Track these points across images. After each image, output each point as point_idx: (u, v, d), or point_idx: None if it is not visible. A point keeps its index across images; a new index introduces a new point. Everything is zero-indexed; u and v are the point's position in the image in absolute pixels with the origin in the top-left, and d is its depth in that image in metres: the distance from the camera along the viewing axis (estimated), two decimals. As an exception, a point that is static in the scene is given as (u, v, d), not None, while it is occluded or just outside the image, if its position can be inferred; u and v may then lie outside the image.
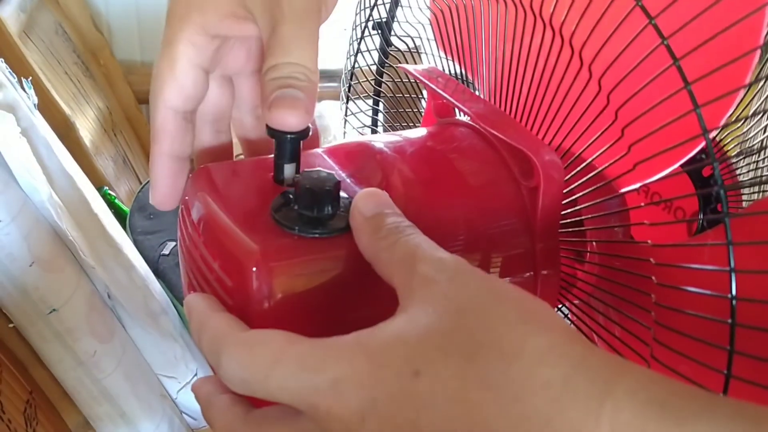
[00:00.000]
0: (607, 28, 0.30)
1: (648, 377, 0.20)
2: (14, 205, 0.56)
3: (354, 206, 0.29)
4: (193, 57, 0.32)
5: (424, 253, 0.25)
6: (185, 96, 0.33)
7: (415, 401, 0.21)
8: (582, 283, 0.38)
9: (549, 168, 0.33)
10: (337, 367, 0.23)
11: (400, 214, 0.28)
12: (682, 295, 0.30)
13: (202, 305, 0.29)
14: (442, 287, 0.24)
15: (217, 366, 0.25)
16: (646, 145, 0.31)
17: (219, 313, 0.28)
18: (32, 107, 0.63)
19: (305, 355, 0.23)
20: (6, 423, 0.57)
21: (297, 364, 0.23)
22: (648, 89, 0.29)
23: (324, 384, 0.23)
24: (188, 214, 0.33)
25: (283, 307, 0.28)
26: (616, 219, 0.37)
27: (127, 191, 1.11)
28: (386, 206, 0.29)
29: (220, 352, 0.25)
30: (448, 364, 0.21)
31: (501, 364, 0.21)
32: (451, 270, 0.24)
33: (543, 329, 0.22)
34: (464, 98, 0.39)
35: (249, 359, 0.24)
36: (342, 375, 0.22)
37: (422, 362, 0.22)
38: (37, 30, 1.04)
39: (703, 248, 0.29)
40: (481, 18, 0.39)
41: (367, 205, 0.28)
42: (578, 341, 0.22)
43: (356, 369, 0.22)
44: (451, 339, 0.22)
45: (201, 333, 0.27)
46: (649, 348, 0.31)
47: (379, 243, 0.27)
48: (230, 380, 0.25)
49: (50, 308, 0.59)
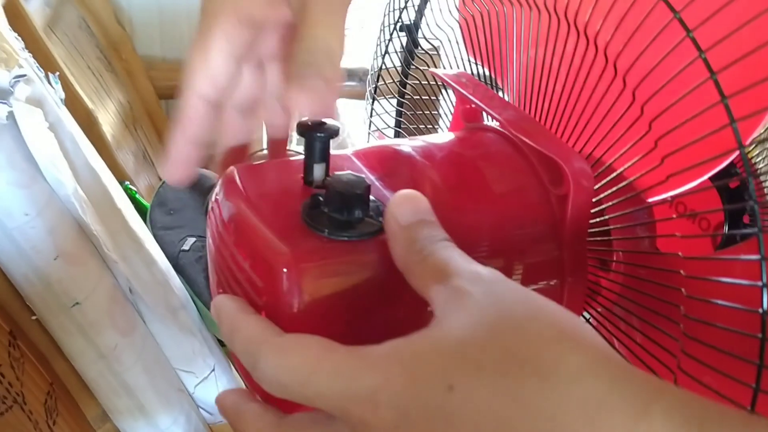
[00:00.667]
0: (643, 39, 0.30)
1: (684, 399, 0.20)
2: (40, 199, 0.56)
3: (389, 211, 0.28)
4: (227, 48, 0.32)
5: (458, 266, 0.25)
6: (216, 86, 0.33)
7: (448, 415, 0.21)
8: (606, 291, 0.38)
9: (579, 176, 0.33)
10: (372, 377, 0.23)
11: (435, 224, 0.28)
12: (711, 307, 0.30)
13: (232, 307, 0.29)
14: (477, 300, 0.24)
15: (253, 369, 0.26)
16: (678, 157, 0.31)
17: (251, 316, 0.28)
18: (59, 102, 0.63)
19: (342, 364, 0.24)
20: (27, 414, 0.58)
21: (334, 373, 0.23)
22: (684, 102, 0.28)
23: (360, 393, 0.23)
24: (219, 214, 0.33)
25: (312, 308, 0.29)
26: (643, 230, 0.37)
27: (147, 186, 1.12)
28: (422, 213, 0.28)
29: (257, 355, 0.25)
30: (482, 379, 0.21)
31: (536, 381, 0.21)
32: (486, 283, 0.24)
33: (579, 347, 0.22)
34: (494, 104, 0.39)
35: (287, 365, 0.25)
36: (377, 385, 0.23)
37: (456, 376, 0.22)
38: (62, 24, 1.05)
39: (734, 262, 0.29)
40: (513, 24, 0.39)
41: (403, 211, 0.28)
42: (614, 359, 0.22)
43: (391, 380, 0.22)
44: (486, 353, 0.22)
45: (234, 335, 0.27)
46: (677, 359, 0.31)
47: (413, 255, 0.27)
48: (267, 384, 0.25)
49: (73, 301, 0.60)
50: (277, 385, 0.25)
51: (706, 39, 0.28)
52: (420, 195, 0.29)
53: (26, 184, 0.55)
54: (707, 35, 0.28)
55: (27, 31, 0.81)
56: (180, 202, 0.89)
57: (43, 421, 0.60)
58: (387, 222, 0.28)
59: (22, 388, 0.57)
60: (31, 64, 0.60)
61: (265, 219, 0.30)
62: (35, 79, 0.59)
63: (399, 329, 0.31)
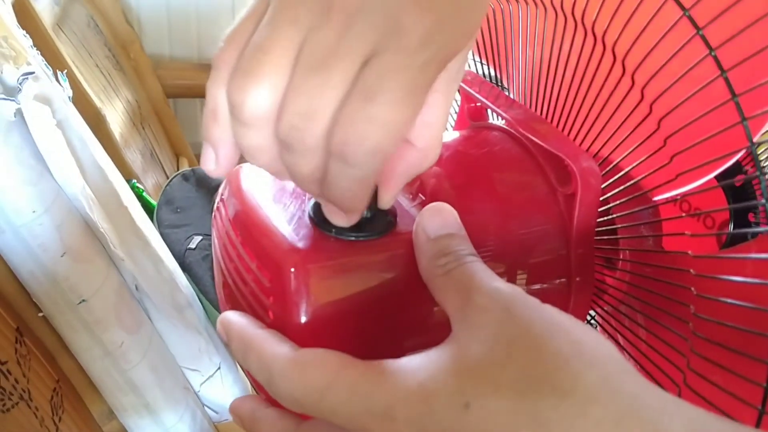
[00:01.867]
0: (652, 37, 0.30)
1: (703, 419, 0.20)
2: (48, 196, 0.57)
3: (419, 223, 0.29)
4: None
5: (480, 282, 0.25)
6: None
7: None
8: (612, 290, 0.38)
9: (587, 175, 0.33)
10: (389, 394, 0.23)
11: (463, 238, 0.28)
12: (720, 307, 0.30)
13: (241, 323, 0.29)
14: (495, 317, 0.24)
15: (268, 385, 0.26)
16: (687, 156, 0.31)
17: (262, 331, 0.28)
18: (67, 100, 0.63)
19: (358, 381, 0.23)
20: (33, 410, 0.58)
21: (350, 390, 0.23)
22: (693, 100, 0.28)
23: (377, 410, 0.23)
24: (225, 213, 0.33)
25: (320, 308, 0.29)
26: (649, 228, 0.37)
27: (154, 184, 1.12)
28: (451, 227, 0.28)
29: (271, 372, 0.25)
30: (499, 398, 0.21)
31: (553, 400, 0.21)
32: (505, 300, 0.24)
33: (595, 363, 0.22)
34: (500, 102, 0.39)
35: (302, 381, 0.24)
36: (393, 402, 0.22)
37: (473, 394, 0.22)
38: (70, 23, 1.05)
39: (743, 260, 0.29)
40: (519, 22, 0.39)
41: (432, 224, 0.28)
42: (630, 375, 0.22)
43: (408, 397, 0.22)
44: (503, 371, 0.22)
45: (247, 352, 0.27)
46: (686, 359, 0.31)
47: (437, 269, 0.27)
48: (282, 400, 0.25)
49: (80, 298, 0.60)
50: (293, 401, 0.25)
51: (716, 37, 0.28)
52: (450, 208, 0.29)
53: (34, 181, 0.55)
54: (717, 33, 0.28)
55: (35, 29, 0.81)
56: (187, 201, 0.89)
57: (49, 418, 0.60)
58: (416, 234, 0.29)
59: (28, 384, 0.58)
60: (39, 62, 0.60)
61: (273, 218, 0.30)
62: (43, 77, 0.59)
63: (411, 332, 0.31)
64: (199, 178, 0.93)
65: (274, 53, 0.23)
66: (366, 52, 0.22)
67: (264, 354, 0.26)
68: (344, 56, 0.22)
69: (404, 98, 0.23)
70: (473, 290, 0.25)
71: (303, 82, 0.23)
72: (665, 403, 0.21)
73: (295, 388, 0.25)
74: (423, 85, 0.23)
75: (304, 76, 0.23)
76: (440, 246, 0.28)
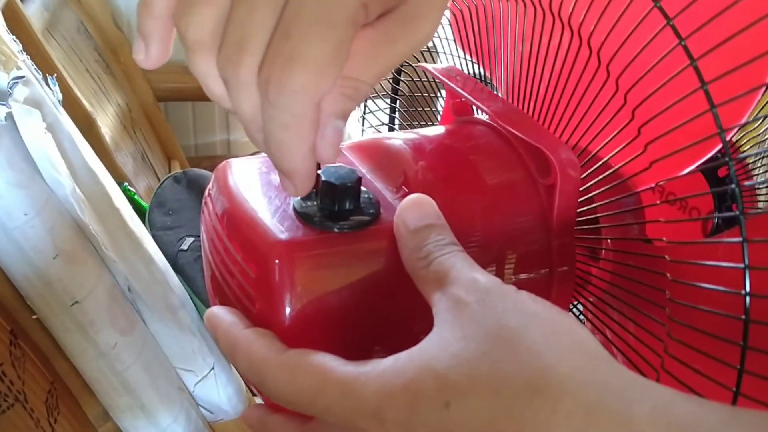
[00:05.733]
0: (626, 29, 0.30)
1: (669, 400, 0.21)
2: (39, 198, 0.57)
3: (398, 215, 0.29)
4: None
5: (458, 274, 0.26)
6: None
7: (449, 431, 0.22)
8: (597, 280, 0.39)
9: (566, 166, 0.34)
10: (377, 396, 0.23)
11: (443, 227, 0.29)
12: (697, 292, 0.31)
13: (228, 321, 0.29)
14: (472, 310, 0.24)
15: (260, 386, 0.27)
16: (664, 145, 0.31)
17: (249, 331, 0.28)
18: (57, 103, 0.64)
19: (347, 384, 0.24)
20: (29, 412, 0.58)
21: (340, 392, 0.24)
22: (667, 90, 0.29)
23: (366, 411, 0.23)
24: (213, 208, 0.34)
25: (304, 299, 0.29)
26: (630, 217, 0.37)
27: (146, 187, 1.12)
28: (430, 217, 0.29)
29: (262, 375, 0.26)
30: (477, 397, 0.22)
31: (526, 396, 0.21)
32: (481, 292, 0.25)
33: (567, 353, 0.22)
34: (482, 97, 0.39)
35: (293, 385, 0.25)
36: (382, 404, 0.23)
37: (452, 394, 0.22)
38: (60, 28, 1.06)
39: (718, 246, 0.29)
40: (500, 18, 0.40)
41: (411, 215, 0.29)
42: (601, 361, 0.22)
43: (394, 398, 0.23)
44: (479, 368, 0.22)
45: (235, 353, 0.28)
46: (663, 344, 0.32)
47: (419, 261, 0.28)
48: (275, 400, 0.26)
49: (73, 300, 0.60)
50: (287, 402, 0.26)
51: (688, 26, 0.29)
52: (428, 199, 0.29)
53: (25, 184, 0.56)
54: (689, 23, 0.29)
55: (25, 34, 0.81)
56: (178, 203, 0.90)
57: (45, 419, 0.60)
58: (396, 226, 0.29)
59: (23, 386, 0.58)
60: (29, 66, 0.61)
61: (258, 211, 0.31)
62: (33, 81, 0.60)
63: (397, 324, 0.32)
64: (190, 180, 0.94)
65: None
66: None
67: (253, 358, 0.27)
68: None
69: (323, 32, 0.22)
70: (450, 283, 0.26)
71: (235, 9, 0.23)
72: (633, 389, 0.21)
73: (287, 391, 0.25)
74: (343, 19, 0.22)
75: (237, 3, 0.23)
76: (420, 237, 0.28)
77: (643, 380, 0.22)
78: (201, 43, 0.24)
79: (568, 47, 0.34)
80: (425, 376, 0.23)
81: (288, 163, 0.25)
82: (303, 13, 0.22)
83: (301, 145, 0.25)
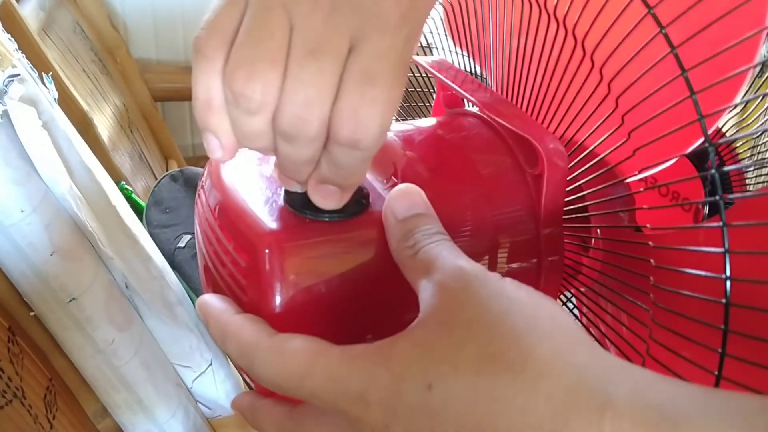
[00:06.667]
0: (609, 19, 0.31)
1: (647, 381, 0.21)
2: (36, 196, 0.57)
3: (387, 206, 0.30)
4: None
5: (443, 262, 0.26)
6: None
7: (429, 414, 0.23)
8: (588, 270, 0.39)
9: (553, 155, 0.34)
10: (362, 379, 0.24)
11: (430, 217, 0.29)
12: (681, 277, 0.31)
13: (219, 308, 0.30)
14: (456, 296, 0.25)
15: (250, 371, 0.27)
16: (648, 133, 0.32)
17: (239, 317, 0.29)
18: (52, 101, 0.64)
19: (334, 368, 0.25)
20: (27, 408, 0.59)
21: (326, 376, 0.25)
22: (651, 79, 0.29)
23: (351, 394, 0.24)
24: (205, 200, 0.34)
25: (294, 287, 0.30)
26: (619, 205, 0.38)
27: (144, 187, 1.13)
28: (418, 207, 0.29)
29: (251, 359, 0.27)
30: (458, 379, 0.22)
31: (507, 377, 0.22)
32: (466, 278, 0.25)
33: (548, 337, 0.23)
34: (472, 89, 0.40)
35: (281, 369, 0.26)
36: (367, 387, 0.24)
37: (434, 376, 0.23)
38: (56, 28, 1.06)
39: (700, 232, 0.30)
40: (489, 11, 0.40)
41: (400, 205, 0.29)
42: (582, 345, 0.23)
43: (379, 381, 0.24)
44: (462, 352, 0.23)
45: (225, 339, 0.28)
46: (648, 329, 0.32)
47: (406, 250, 0.28)
48: (264, 384, 0.27)
49: (70, 297, 0.61)
50: (275, 386, 0.26)
51: (670, 16, 0.29)
52: (417, 189, 0.30)
53: (21, 181, 0.56)
54: (671, 12, 0.29)
55: (20, 33, 0.82)
56: (175, 201, 0.90)
57: (43, 415, 0.60)
58: (384, 216, 0.30)
59: (21, 382, 0.58)
60: (24, 65, 0.61)
61: (249, 202, 0.31)
62: (29, 79, 0.60)
63: (387, 311, 0.32)
64: (187, 178, 0.94)
65: (270, 42, 0.24)
66: (351, 37, 0.24)
67: (243, 342, 0.27)
68: (333, 40, 0.24)
69: (397, 75, 0.25)
70: (436, 269, 0.26)
71: (299, 69, 0.24)
72: (612, 371, 0.22)
73: (275, 374, 0.26)
74: (407, 60, 0.25)
75: (300, 64, 0.24)
76: (408, 227, 0.29)
77: (622, 363, 0.22)
78: (264, 104, 0.25)
79: (554, 39, 0.35)
80: (409, 360, 0.23)
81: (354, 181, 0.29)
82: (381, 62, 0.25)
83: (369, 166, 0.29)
